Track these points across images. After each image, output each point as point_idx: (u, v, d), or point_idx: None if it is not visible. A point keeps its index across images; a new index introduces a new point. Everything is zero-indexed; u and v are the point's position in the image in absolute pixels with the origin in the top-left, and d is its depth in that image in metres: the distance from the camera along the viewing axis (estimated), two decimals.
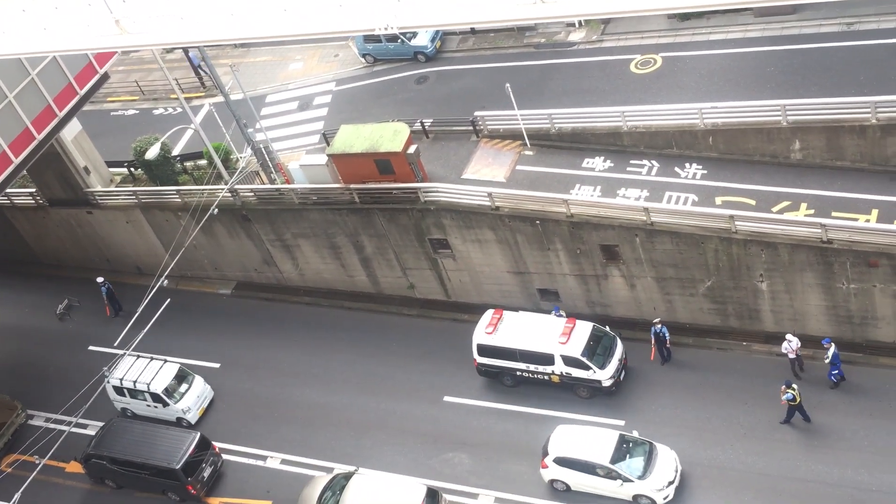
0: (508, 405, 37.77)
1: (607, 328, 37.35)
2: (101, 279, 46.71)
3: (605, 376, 36.01)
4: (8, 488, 35.30)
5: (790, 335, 34.67)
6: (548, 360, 36.42)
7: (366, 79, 50.18)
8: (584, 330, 36.59)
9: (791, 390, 33.06)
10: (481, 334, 37.67)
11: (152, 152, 42.10)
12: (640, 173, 38.51)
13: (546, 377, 36.91)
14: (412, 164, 39.31)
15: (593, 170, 39.20)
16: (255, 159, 43.21)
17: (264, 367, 42.34)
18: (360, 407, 39.62)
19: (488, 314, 38.25)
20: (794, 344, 34.51)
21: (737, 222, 34.55)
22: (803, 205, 35.41)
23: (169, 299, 42.15)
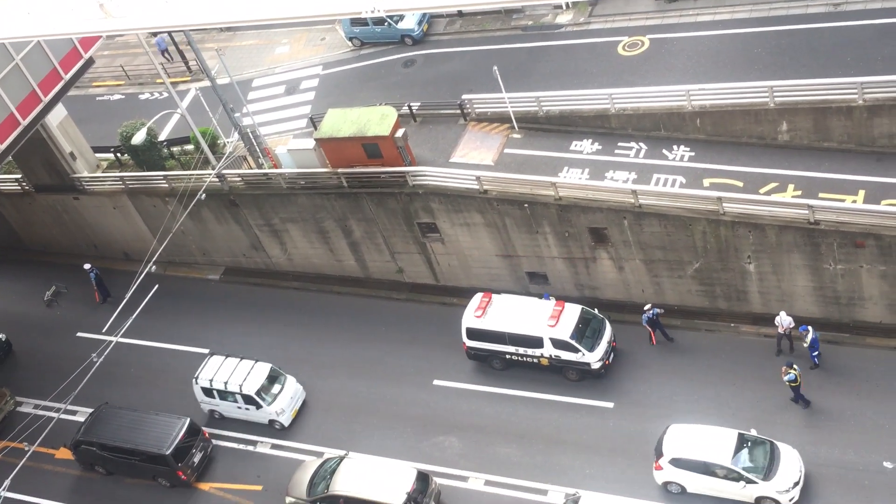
0: (498, 388, 37.86)
1: (596, 311, 37.43)
2: (88, 265, 46.57)
3: (594, 359, 36.11)
4: None
5: (784, 313, 34.84)
6: (537, 342, 36.50)
7: (353, 62, 49.96)
8: (572, 313, 36.66)
9: (793, 370, 33.17)
10: (470, 318, 37.72)
11: (139, 137, 41.88)
12: (627, 156, 38.54)
13: (535, 360, 37.00)
14: (400, 148, 39.23)
15: (581, 152, 39.19)
16: (243, 144, 43.05)
17: (253, 352, 42.09)
18: (350, 391, 39.66)
19: (477, 298, 38.29)
20: (787, 321, 34.65)
21: (724, 204, 34.63)
22: (790, 186, 35.51)
23: (157, 285, 41.93)
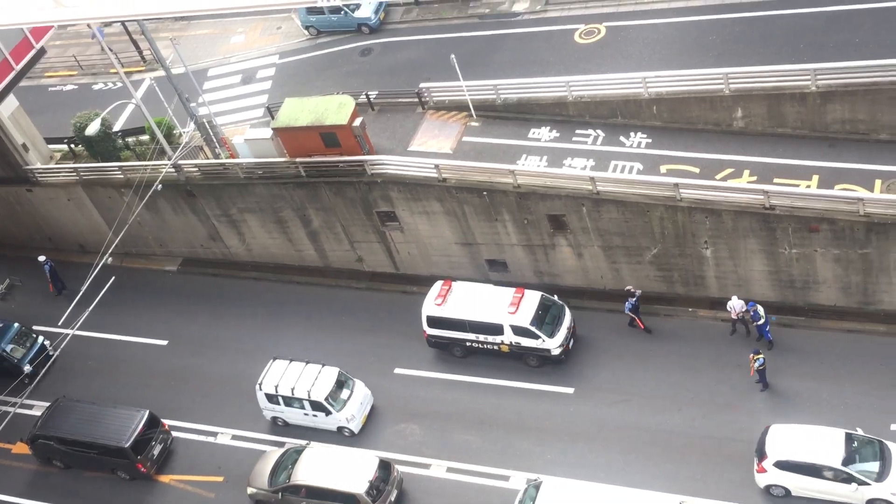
0: (459, 376, 37.97)
1: (556, 297, 37.64)
2: (42, 258, 45.99)
3: (553, 345, 36.33)
4: None
5: (735, 297, 35.29)
6: (497, 329, 36.64)
7: (309, 51, 49.72)
8: (532, 299, 36.84)
9: (760, 356, 33.57)
10: (431, 306, 37.76)
11: (93, 128, 41.34)
12: (585, 143, 38.73)
13: (496, 347, 37.14)
14: (358, 137, 39.12)
15: (539, 140, 39.34)
16: (199, 134, 42.69)
17: (213, 343, 42.05)
18: None
19: (437, 286, 38.34)
20: (739, 306, 35.11)
21: (681, 190, 34.92)
22: (746, 171, 35.91)
23: (114, 277, 41.59)
